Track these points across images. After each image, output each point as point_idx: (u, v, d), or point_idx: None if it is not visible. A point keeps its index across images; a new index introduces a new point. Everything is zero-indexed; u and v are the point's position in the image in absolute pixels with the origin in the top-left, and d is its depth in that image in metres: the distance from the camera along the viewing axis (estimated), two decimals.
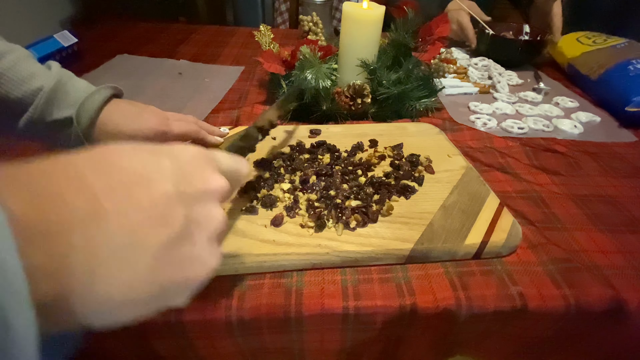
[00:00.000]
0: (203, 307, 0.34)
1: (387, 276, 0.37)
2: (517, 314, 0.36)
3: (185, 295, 0.21)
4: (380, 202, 0.43)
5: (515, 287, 0.37)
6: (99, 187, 0.17)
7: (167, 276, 0.19)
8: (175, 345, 0.36)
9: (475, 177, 0.49)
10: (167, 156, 0.21)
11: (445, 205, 0.44)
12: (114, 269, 0.17)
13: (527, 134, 0.64)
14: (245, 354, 0.37)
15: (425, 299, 0.35)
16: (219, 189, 0.23)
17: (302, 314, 0.35)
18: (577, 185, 0.52)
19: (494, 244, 0.39)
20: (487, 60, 0.90)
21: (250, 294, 0.35)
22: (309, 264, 0.38)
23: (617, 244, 0.43)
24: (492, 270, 0.39)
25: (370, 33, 0.62)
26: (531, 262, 0.40)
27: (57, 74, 0.42)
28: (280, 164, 0.49)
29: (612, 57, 0.75)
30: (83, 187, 0.17)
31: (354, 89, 0.61)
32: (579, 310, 0.36)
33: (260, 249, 0.37)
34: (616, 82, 0.71)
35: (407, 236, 0.39)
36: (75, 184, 0.17)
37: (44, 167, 0.17)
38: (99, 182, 0.17)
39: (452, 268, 0.39)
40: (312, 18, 0.82)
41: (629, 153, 0.60)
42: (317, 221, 0.40)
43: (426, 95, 0.65)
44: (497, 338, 0.39)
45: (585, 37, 0.85)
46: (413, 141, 0.56)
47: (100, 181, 0.17)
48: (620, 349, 0.40)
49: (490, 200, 0.44)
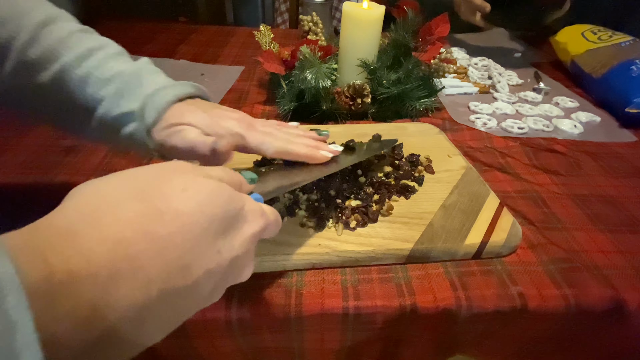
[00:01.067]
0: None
1: (387, 276, 0.38)
2: (517, 314, 0.36)
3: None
4: (380, 202, 0.43)
5: (515, 287, 0.37)
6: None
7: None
8: (175, 345, 0.36)
9: (475, 177, 0.49)
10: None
11: (445, 205, 0.44)
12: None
13: (527, 134, 0.64)
14: (246, 353, 0.37)
15: (425, 299, 0.35)
16: (253, 238, 0.24)
17: (302, 314, 0.35)
18: (577, 185, 0.52)
19: (494, 244, 0.39)
20: (487, 60, 0.90)
21: (250, 294, 0.35)
22: (308, 264, 0.38)
23: (617, 244, 0.43)
24: (492, 270, 0.39)
25: (370, 33, 0.62)
26: (531, 262, 0.40)
27: (138, 65, 0.36)
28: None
29: (615, 56, 0.75)
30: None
31: (354, 89, 0.61)
32: (579, 310, 0.36)
33: (260, 249, 0.37)
34: (618, 82, 0.71)
35: (407, 236, 0.39)
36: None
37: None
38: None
39: (452, 268, 0.39)
40: (312, 18, 0.81)
41: (629, 153, 0.60)
42: (317, 221, 0.40)
43: (426, 95, 0.65)
44: (497, 338, 0.39)
45: (590, 32, 0.84)
46: (413, 141, 0.55)
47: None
48: (620, 348, 0.40)
49: (490, 200, 0.44)
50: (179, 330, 0.34)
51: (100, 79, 0.34)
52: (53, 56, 0.33)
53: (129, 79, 0.35)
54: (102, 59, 0.35)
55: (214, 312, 0.34)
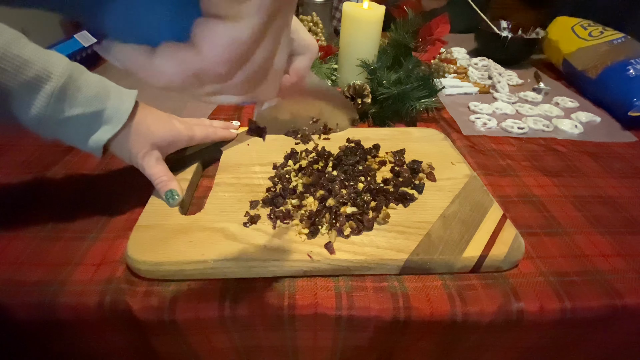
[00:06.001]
0: (196, 306, 0.34)
1: (382, 285, 0.37)
2: (515, 325, 0.35)
3: None
4: (377, 209, 0.42)
5: (516, 301, 0.35)
6: None
7: None
8: (171, 342, 0.36)
9: (478, 186, 0.47)
10: None
11: (445, 215, 0.42)
12: None
13: (527, 134, 0.64)
14: (240, 352, 0.38)
15: (420, 309, 0.35)
16: None
17: (295, 315, 0.34)
18: (577, 187, 0.52)
19: (493, 258, 0.37)
20: (487, 60, 0.90)
21: (243, 295, 0.35)
22: (299, 271, 0.37)
23: (617, 246, 0.42)
24: (489, 276, 0.38)
25: (370, 33, 0.62)
26: (531, 274, 0.38)
27: (68, 68, 0.38)
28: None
29: (610, 55, 0.74)
30: None
31: (354, 89, 0.61)
32: (577, 316, 0.36)
33: (250, 254, 0.36)
34: (616, 83, 0.71)
35: (402, 246, 0.38)
36: None
37: None
38: None
39: (451, 281, 0.37)
40: (312, 18, 0.81)
41: (629, 153, 0.60)
42: (310, 227, 0.39)
43: (426, 95, 0.65)
44: (494, 348, 0.38)
45: (580, 26, 0.84)
46: (416, 147, 0.54)
47: None
48: (620, 352, 0.40)
49: (492, 211, 0.42)
50: (173, 327, 0.34)
51: (8, 71, 0.35)
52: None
53: (67, 83, 0.38)
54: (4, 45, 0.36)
55: (208, 311, 0.34)
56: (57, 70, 0.37)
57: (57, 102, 0.37)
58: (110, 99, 0.40)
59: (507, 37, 0.88)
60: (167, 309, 0.34)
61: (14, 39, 0.36)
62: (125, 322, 0.34)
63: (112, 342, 0.37)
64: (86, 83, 0.39)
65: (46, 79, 0.37)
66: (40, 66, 0.36)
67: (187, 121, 0.50)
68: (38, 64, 0.36)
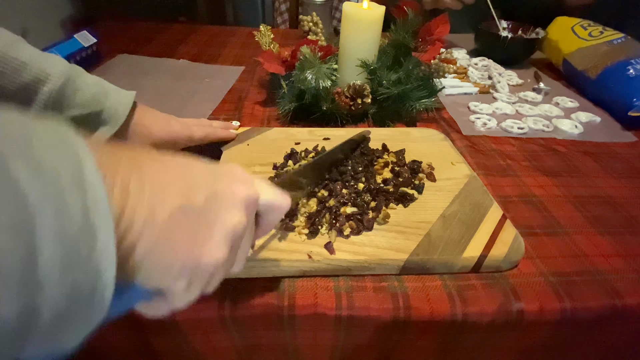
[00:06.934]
0: (197, 306, 0.34)
1: (382, 285, 0.37)
2: (515, 325, 0.35)
3: (184, 277, 0.21)
4: (376, 209, 0.42)
5: (516, 300, 0.36)
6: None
7: (175, 240, 0.20)
8: (171, 341, 0.36)
9: (478, 186, 0.47)
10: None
11: (445, 215, 0.42)
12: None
13: (527, 134, 0.64)
14: (240, 351, 0.37)
15: (420, 309, 0.35)
16: (246, 198, 0.24)
17: (295, 314, 0.34)
18: (576, 187, 0.52)
19: (493, 258, 0.38)
20: (487, 60, 0.90)
21: (244, 295, 0.35)
22: (299, 272, 0.37)
23: (617, 246, 0.42)
24: (489, 276, 0.38)
25: (370, 33, 0.62)
26: (531, 274, 0.39)
27: (66, 71, 0.39)
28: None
29: (610, 55, 0.74)
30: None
31: (354, 89, 0.61)
32: (577, 316, 0.36)
33: (250, 254, 0.36)
34: (616, 83, 0.71)
35: (402, 246, 0.38)
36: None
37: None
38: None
39: (450, 281, 0.37)
40: (312, 18, 0.81)
41: (628, 153, 0.60)
42: (310, 227, 0.39)
43: (426, 95, 0.65)
44: (493, 348, 0.38)
45: (580, 26, 0.84)
46: (416, 147, 0.54)
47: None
48: (620, 352, 0.40)
49: (492, 211, 0.43)
50: (174, 327, 0.34)
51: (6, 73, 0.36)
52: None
53: (64, 85, 0.39)
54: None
55: (208, 310, 0.34)
56: (55, 72, 0.38)
57: (55, 103, 0.37)
58: (108, 100, 0.40)
59: (507, 37, 0.88)
60: None
61: (12, 42, 0.37)
62: (126, 322, 0.34)
63: (112, 341, 0.37)
64: (84, 84, 0.40)
65: (44, 81, 0.37)
66: (38, 68, 0.37)
67: (187, 121, 0.50)
68: (36, 66, 0.37)
